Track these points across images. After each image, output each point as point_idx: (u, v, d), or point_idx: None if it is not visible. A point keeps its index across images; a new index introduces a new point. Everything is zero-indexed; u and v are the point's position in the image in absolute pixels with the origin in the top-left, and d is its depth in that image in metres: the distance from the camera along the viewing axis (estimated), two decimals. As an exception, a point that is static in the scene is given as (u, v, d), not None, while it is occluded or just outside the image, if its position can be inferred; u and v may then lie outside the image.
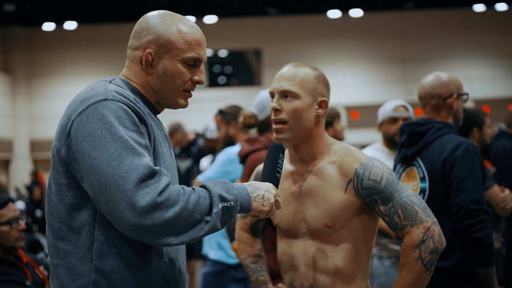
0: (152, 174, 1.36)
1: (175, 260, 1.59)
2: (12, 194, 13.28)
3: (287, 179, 2.00)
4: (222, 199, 1.44)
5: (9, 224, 2.68)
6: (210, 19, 15.89)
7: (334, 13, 16.22)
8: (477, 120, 3.40)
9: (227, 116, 3.83)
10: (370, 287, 1.98)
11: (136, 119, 1.45)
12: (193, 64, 1.59)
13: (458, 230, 2.35)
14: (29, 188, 12.08)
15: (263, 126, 2.95)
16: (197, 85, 1.63)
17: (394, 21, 16.64)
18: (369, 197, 1.85)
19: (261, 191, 1.55)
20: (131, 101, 1.48)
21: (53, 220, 1.52)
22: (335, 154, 1.94)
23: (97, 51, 17.04)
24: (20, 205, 9.55)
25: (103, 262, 1.46)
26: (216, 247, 3.82)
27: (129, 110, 1.45)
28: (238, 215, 2.23)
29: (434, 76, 2.59)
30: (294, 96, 1.91)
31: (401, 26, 16.64)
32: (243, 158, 2.97)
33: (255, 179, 2.12)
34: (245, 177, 2.91)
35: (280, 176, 1.69)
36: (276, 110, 1.92)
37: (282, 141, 1.94)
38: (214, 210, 1.42)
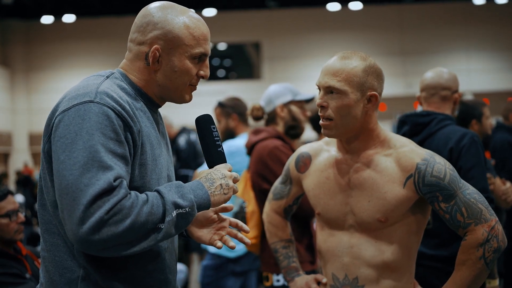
0: (110, 190, 1.33)
1: (165, 259, 1.58)
2: (12, 186, 13.29)
3: (334, 168, 1.91)
4: (177, 206, 1.40)
5: (8, 216, 2.67)
6: (209, 12, 15.86)
7: (333, 6, 16.20)
8: (475, 112, 3.41)
9: (227, 108, 3.81)
10: (416, 282, 1.92)
11: (117, 126, 1.40)
12: (199, 59, 1.56)
13: None
14: (24, 182, 12.05)
15: (270, 118, 3.07)
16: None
17: (394, 14, 16.61)
18: (429, 193, 1.77)
19: (217, 182, 1.50)
20: (120, 104, 1.43)
21: (44, 212, 1.50)
22: (390, 146, 1.84)
23: (96, 44, 17.01)
24: (20, 198, 9.55)
25: (88, 260, 1.44)
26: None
27: (114, 115, 1.40)
28: (271, 195, 2.19)
29: (447, 70, 2.70)
30: (339, 92, 1.77)
31: (400, 19, 16.61)
32: (250, 149, 3.03)
33: (298, 163, 2.04)
34: (252, 167, 2.95)
35: (223, 149, 1.59)
36: (322, 107, 1.81)
37: (330, 138, 1.86)
38: (167, 218, 1.39)
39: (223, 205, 1.63)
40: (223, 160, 1.58)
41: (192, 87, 1.59)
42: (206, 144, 1.58)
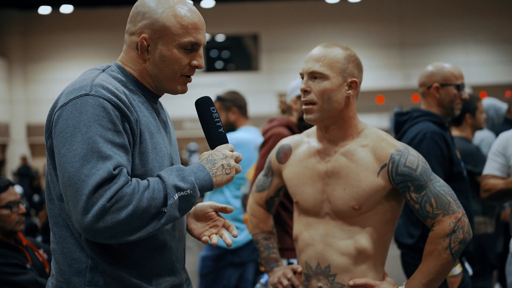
0: (110, 179, 1.37)
1: (172, 248, 1.60)
2: (9, 177, 13.29)
3: (313, 157, 1.98)
4: (178, 189, 1.43)
5: (9, 207, 2.70)
6: (207, 3, 15.81)
7: (332, -2, 16.17)
8: (469, 106, 3.46)
9: (226, 102, 3.83)
10: (386, 274, 1.97)
11: (114, 116, 1.43)
12: (191, 48, 1.56)
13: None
14: (23, 173, 12.04)
15: (287, 109, 3.26)
16: (196, 69, 1.61)
17: (393, 6, 16.58)
18: (402, 183, 1.84)
19: (218, 162, 1.53)
20: (116, 95, 1.46)
21: (52, 206, 1.54)
22: (367, 137, 1.92)
23: (94, 35, 16.95)
24: (18, 189, 9.57)
25: (96, 250, 1.47)
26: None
27: (110, 106, 1.43)
28: (254, 188, 2.23)
29: (429, 66, 2.77)
30: (322, 77, 1.87)
31: (399, 10, 16.58)
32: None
33: (277, 154, 2.12)
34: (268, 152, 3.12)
35: (223, 129, 1.61)
36: (305, 91, 1.90)
37: (311, 122, 1.92)
38: (170, 202, 1.42)
39: (224, 205, 1.68)
40: (225, 141, 1.60)
41: (185, 78, 1.59)
42: (207, 125, 1.61)
